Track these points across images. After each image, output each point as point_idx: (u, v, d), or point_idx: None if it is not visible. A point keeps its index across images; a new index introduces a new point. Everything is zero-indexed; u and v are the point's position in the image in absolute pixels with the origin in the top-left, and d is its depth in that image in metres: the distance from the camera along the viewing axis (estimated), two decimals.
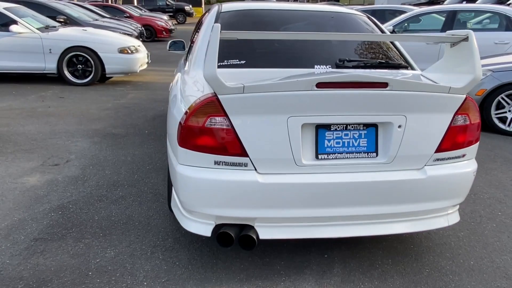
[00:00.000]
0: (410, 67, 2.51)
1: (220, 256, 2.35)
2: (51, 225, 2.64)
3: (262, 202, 1.94)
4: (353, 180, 1.97)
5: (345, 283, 2.16)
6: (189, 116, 1.91)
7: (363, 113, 1.93)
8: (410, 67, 2.52)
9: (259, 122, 1.87)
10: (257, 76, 2.10)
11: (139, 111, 5.59)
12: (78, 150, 4.03)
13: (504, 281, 2.21)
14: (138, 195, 3.10)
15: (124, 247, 2.43)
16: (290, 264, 2.30)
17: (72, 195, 3.07)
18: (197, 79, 2.20)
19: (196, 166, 1.96)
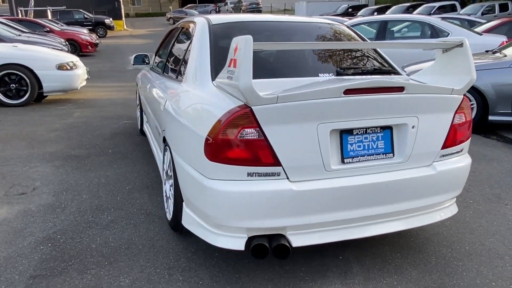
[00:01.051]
0: (397, 73, 2.70)
1: (241, 270, 2.32)
2: (45, 260, 2.41)
3: (295, 210, 1.96)
4: (375, 181, 2.07)
5: (368, 280, 2.25)
6: (221, 129, 1.88)
7: (380, 117, 2.04)
8: (396, 72, 2.70)
9: (290, 130, 1.90)
10: (270, 87, 2.12)
11: (93, 130, 5.27)
12: (41, 176, 3.70)
13: (499, 261, 2.45)
14: (129, 217, 2.93)
15: (137, 273, 2.29)
16: (311, 269, 2.34)
17: (55, 224, 2.82)
18: (212, 92, 2.15)
19: (228, 180, 1.93)
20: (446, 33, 7.36)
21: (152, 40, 22.59)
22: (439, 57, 2.40)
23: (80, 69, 7.11)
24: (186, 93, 2.42)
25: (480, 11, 19.37)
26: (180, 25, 3.48)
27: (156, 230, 2.75)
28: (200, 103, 2.18)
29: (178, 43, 3.26)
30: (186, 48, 2.85)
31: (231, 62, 1.90)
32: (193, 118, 2.15)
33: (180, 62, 2.89)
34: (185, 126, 2.21)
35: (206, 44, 2.55)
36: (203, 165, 1.98)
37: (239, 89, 1.79)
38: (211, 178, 1.95)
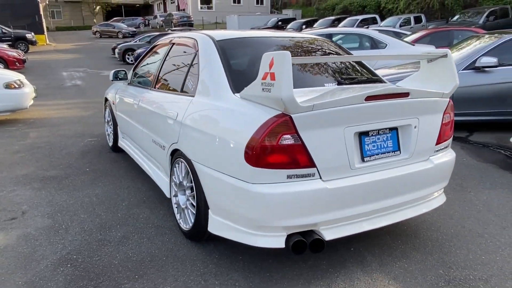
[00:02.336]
0: (382, 81, 3.04)
1: (270, 269, 2.47)
2: (71, 280, 2.37)
3: (328, 206, 2.17)
4: (388, 176, 2.35)
5: (383, 266, 2.52)
6: (263, 137, 2.04)
7: (389, 119, 2.34)
8: (382, 81, 3.05)
9: (322, 134, 2.12)
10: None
11: (58, 149, 5.07)
12: (24, 199, 3.54)
13: (481, 238, 2.85)
14: (139, 232, 2.95)
15: (172, 282, 2.35)
16: (331, 262, 2.56)
17: (65, 245, 2.76)
18: (241, 104, 2.30)
19: (270, 183, 2.09)
20: (384, 44, 8.09)
21: (81, 54, 21.68)
22: (424, 66, 2.77)
23: (27, 87, 6.75)
24: (207, 106, 2.53)
25: (398, 23, 21.16)
26: (169, 41, 3.55)
27: (172, 241, 2.81)
28: (231, 114, 2.30)
29: (174, 59, 3.34)
30: (190, 63, 2.95)
31: (266, 76, 2.07)
32: (227, 128, 2.27)
33: (183, 77, 2.99)
34: (215, 136, 2.33)
35: (217, 59, 2.69)
36: (244, 171, 2.12)
37: (282, 99, 1.97)
38: (254, 183, 2.10)
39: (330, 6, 29.62)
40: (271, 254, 2.62)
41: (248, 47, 2.87)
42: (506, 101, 5.48)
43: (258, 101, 2.21)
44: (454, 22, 18.75)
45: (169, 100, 3.03)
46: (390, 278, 2.39)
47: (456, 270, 2.47)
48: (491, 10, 18.11)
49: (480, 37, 6.46)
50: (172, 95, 3.05)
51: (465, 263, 2.55)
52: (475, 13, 18.65)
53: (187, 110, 2.69)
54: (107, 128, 5.09)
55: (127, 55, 18.13)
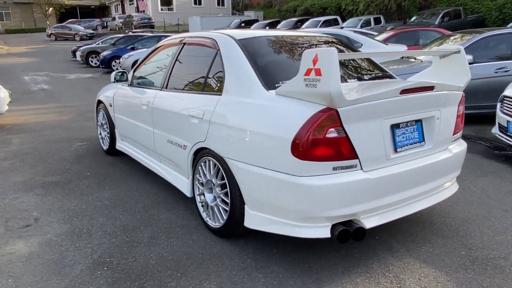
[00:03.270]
0: (393, 77, 3.20)
1: (307, 260, 2.55)
2: (114, 282, 2.34)
3: (369, 195, 2.29)
4: (417, 165, 2.50)
5: (410, 251, 2.67)
6: (311, 130, 2.12)
7: (416, 111, 2.49)
8: (393, 76, 3.21)
9: (363, 127, 2.23)
10: None
11: (49, 155, 4.90)
12: (32, 206, 3.41)
13: (489, 221, 3.07)
14: (165, 232, 2.94)
15: (216, 277, 2.38)
16: (362, 250, 2.68)
17: (93, 249, 2.70)
18: (281, 100, 2.35)
19: (317, 175, 2.18)
20: (360, 44, 8.38)
21: (38, 58, 20.81)
22: (436, 62, 2.95)
23: (2, 92, 6.45)
24: (240, 104, 2.56)
25: (359, 24, 21.85)
26: (179, 41, 3.54)
27: (202, 239, 2.82)
28: (271, 111, 2.35)
29: (187, 58, 3.34)
30: (211, 63, 2.97)
31: (310, 72, 2.15)
32: (269, 124, 2.32)
33: (203, 76, 3.00)
34: (254, 133, 2.37)
35: (242, 58, 2.74)
36: (291, 165, 2.19)
37: (330, 94, 2.06)
38: (302, 176, 2.17)
39: (292, 7, 30.12)
40: (303, 246, 2.70)
41: (267, 45, 2.93)
42: (478, 96, 5.85)
43: (298, 96, 2.28)
44: (412, 23, 19.64)
45: (190, 100, 3.03)
46: (420, 262, 2.54)
47: (476, 251, 2.66)
48: (445, 11, 19.12)
49: (452, 37, 6.86)
50: (191, 95, 3.05)
51: (482, 244, 2.74)
52: (430, 15, 19.63)
53: (216, 108, 2.72)
54: (101, 131, 4.97)
55: (91, 58, 17.59)
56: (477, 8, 20.72)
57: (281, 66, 2.76)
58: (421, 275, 2.40)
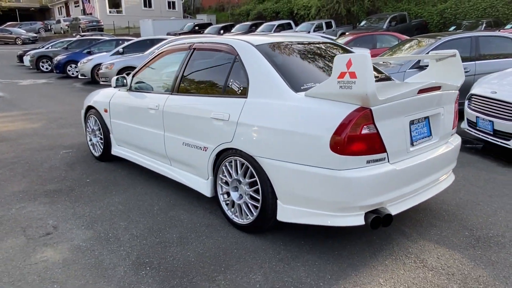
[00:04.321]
0: (391, 78, 3.51)
1: (336, 248, 2.77)
2: (162, 280, 2.42)
3: (394, 185, 2.55)
4: (429, 157, 2.80)
5: (422, 235, 2.96)
6: (349, 128, 2.34)
7: (426, 109, 2.79)
8: (391, 78, 3.52)
9: (390, 123, 2.49)
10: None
11: (37, 163, 4.76)
12: (44, 214, 3.36)
13: (479, 206, 3.46)
14: (193, 232, 3.04)
15: (258, 268, 2.53)
16: (381, 237, 2.94)
17: (128, 252, 2.75)
18: (313, 101, 2.54)
19: (353, 168, 2.40)
20: None
21: None
22: (432, 65, 3.29)
23: None
24: (271, 105, 2.72)
25: (312, 29, 22.61)
26: (188, 46, 3.62)
27: (230, 236, 2.95)
28: (305, 111, 2.53)
29: (200, 63, 3.45)
30: (230, 67, 3.11)
31: (344, 75, 2.37)
32: (305, 123, 2.50)
33: (222, 80, 3.13)
34: (290, 132, 2.55)
35: (265, 63, 2.91)
36: (330, 160, 2.39)
37: (367, 94, 2.29)
38: (341, 169, 2.39)
39: (244, 11, 30.49)
40: (329, 237, 2.92)
41: (282, 50, 3.12)
42: None
43: (331, 98, 2.49)
44: (362, 27, 20.65)
45: (210, 103, 3.14)
46: (433, 243, 2.84)
47: (476, 231, 3.01)
48: (392, 16, 20.29)
49: (414, 40, 7.42)
50: (211, 98, 3.17)
51: (479, 225, 3.10)
52: (378, 19, 20.74)
53: (243, 110, 2.86)
54: (91, 137, 4.91)
55: (41, 63, 16.82)
56: (420, 13, 22.16)
57: (300, 70, 2.96)
58: (438, 254, 2.70)
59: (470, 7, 20.31)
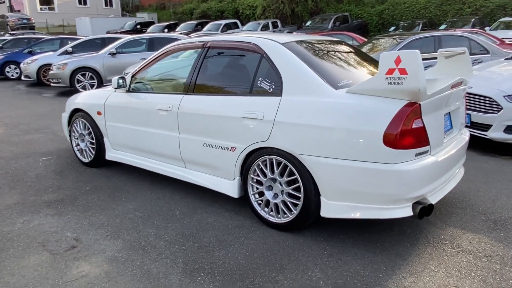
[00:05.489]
0: None
1: (375, 241, 2.86)
2: (222, 285, 2.35)
3: (435, 176, 2.68)
4: (455, 148, 2.98)
5: (446, 222, 3.14)
6: (402, 123, 2.42)
7: (453, 103, 2.97)
8: None
9: (432, 117, 2.62)
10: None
11: (20, 173, 4.37)
12: (56, 227, 3.11)
13: (481, 192, 3.74)
14: (228, 234, 2.97)
15: (313, 265, 2.54)
16: (411, 226, 3.07)
17: (172, 259, 2.63)
18: (359, 98, 2.59)
19: (405, 162, 2.49)
20: None
21: None
22: (441, 61, 3.49)
23: None
24: (312, 103, 2.72)
25: (259, 28, 22.83)
26: (201, 45, 3.50)
27: (268, 235, 2.93)
28: (352, 108, 2.57)
29: (218, 62, 3.37)
30: (257, 66, 3.08)
31: (393, 71, 2.45)
32: (354, 120, 2.53)
33: (248, 79, 3.09)
34: (338, 129, 2.57)
35: (297, 60, 2.92)
36: (383, 154, 2.46)
37: (419, 90, 2.39)
38: (394, 163, 2.47)
39: (188, 10, 30.04)
40: (364, 230, 3.00)
41: (307, 48, 3.14)
42: None
43: (377, 94, 2.56)
44: (308, 27, 21.23)
45: (237, 103, 3.08)
46: (459, 229, 3.02)
47: (490, 215, 3.25)
48: (336, 16, 21.08)
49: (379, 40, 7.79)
50: (237, 98, 3.10)
51: (490, 210, 3.35)
52: (322, 20, 21.46)
53: (280, 108, 2.85)
54: (78, 142, 4.60)
55: None
56: (360, 14, 23.25)
57: (329, 67, 3.00)
58: (468, 239, 2.88)
59: (406, 9, 21.69)
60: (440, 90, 2.62)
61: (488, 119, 4.80)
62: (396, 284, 2.35)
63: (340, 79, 2.87)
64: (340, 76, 2.92)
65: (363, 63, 3.36)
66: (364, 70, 3.23)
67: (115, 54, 10.31)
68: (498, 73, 5.26)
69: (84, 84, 10.28)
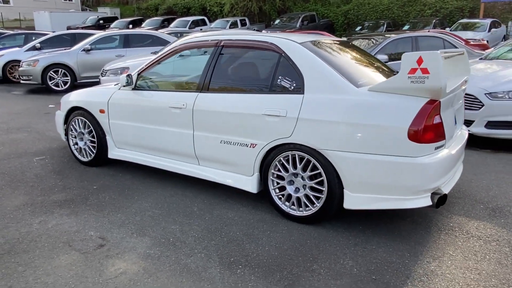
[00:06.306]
0: None
1: (393, 230, 3.04)
2: (263, 276, 2.44)
3: (449, 167, 2.89)
4: (461, 142, 3.21)
5: (451, 211, 3.39)
6: (425, 118, 2.61)
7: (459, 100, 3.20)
8: None
9: (447, 113, 2.83)
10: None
11: (17, 173, 4.23)
12: (77, 226, 3.07)
13: (476, 182, 4.03)
14: (253, 228, 3.06)
15: (342, 254, 2.68)
16: (421, 216, 3.29)
17: (206, 254, 2.69)
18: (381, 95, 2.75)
19: (426, 155, 2.68)
20: None
21: None
22: None
23: None
24: (335, 101, 2.84)
25: (228, 26, 22.81)
26: (214, 44, 3.54)
27: (292, 228, 3.05)
28: (375, 105, 2.72)
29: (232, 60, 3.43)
30: (276, 64, 3.17)
31: (415, 71, 2.63)
32: (376, 116, 2.67)
33: (267, 77, 3.18)
34: (360, 124, 2.72)
35: (318, 59, 3.04)
36: (407, 148, 2.63)
37: (441, 88, 2.58)
38: (418, 156, 2.65)
39: (153, 6, 29.48)
40: (380, 221, 3.18)
41: (323, 48, 3.28)
42: None
43: (399, 92, 2.73)
44: (276, 26, 21.46)
45: (259, 100, 3.15)
46: (463, 216, 3.27)
47: (487, 204, 3.52)
48: (304, 15, 21.44)
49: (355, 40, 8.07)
50: (258, 95, 3.17)
51: (486, 199, 3.63)
52: (290, 18, 21.77)
53: (303, 106, 2.96)
54: (77, 141, 4.50)
55: None
56: (326, 14, 23.75)
57: (347, 65, 3.15)
58: (475, 225, 3.12)
59: (370, 9, 22.40)
60: (455, 88, 2.83)
61: (470, 115, 5.14)
62: (423, 269, 2.53)
63: (358, 77, 3.03)
64: (357, 75, 3.07)
65: (371, 63, 3.54)
66: (374, 69, 3.41)
67: (89, 51, 10.03)
68: (478, 72, 5.63)
69: (57, 82, 9.95)
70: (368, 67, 3.41)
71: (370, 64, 3.50)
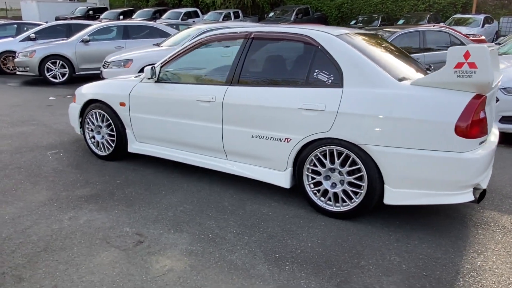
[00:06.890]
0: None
1: (429, 225, 3.03)
2: (315, 272, 2.41)
3: (489, 162, 2.89)
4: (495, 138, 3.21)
5: (480, 205, 3.40)
6: (473, 113, 2.59)
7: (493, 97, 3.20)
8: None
9: (488, 108, 2.82)
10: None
11: (33, 167, 4.11)
12: (110, 222, 2.99)
13: None
14: (290, 223, 3.02)
15: (386, 250, 2.66)
16: (450, 210, 3.29)
17: (249, 250, 2.64)
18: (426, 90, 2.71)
19: (473, 150, 2.67)
20: None
21: None
22: None
23: None
24: (378, 95, 2.80)
25: (221, 18, 22.60)
26: (244, 36, 3.46)
27: (330, 224, 3.01)
28: (420, 99, 2.68)
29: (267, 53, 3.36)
30: (312, 58, 3.12)
31: (462, 65, 2.61)
32: (422, 110, 2.64)
33: (302, 70, 3.12)
34: (404, 119, 2.69)
35: (357, 53, 2.99)
36: (454, 144, 2.61)
37: (489, 83, 2.56)
38: (465, 151, 2.63)
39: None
40: (414, 216, 3.17)
41: (358, 41, 3.23)
42: None
43: (444, 86, 2.70)
44: (271, 19, 21.33)
45: (294, 94, 3.09)
46: (494, 211, 3.28)
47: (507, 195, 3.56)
48: (298, 8, 21.35)
49: None
50: (293, 89, 3.11)
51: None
52: (284, 11, 21.66)
53: (343, 100, 2.92)
54: (94, 135, 4.39)
55: None
56: (320, 7, 23.70)
57: (384, 60, 3.11)
58: (508, 219, 3.14)
59: (364, 3, 22.43)
60: (497, 83, 2.81)
61: None
62: (470, 264, 2.53)
63: (398, 71, 2.99)
64: (396, 68, 3.04)
65: (403, 56, 3.50)
66: (408, 63, 3.38)
67: (88, 42, 9.81)
68: None
69: (55, 73, 9.71)
70: (402, 61, 3.38)
71: (402, 58, 3.47)
